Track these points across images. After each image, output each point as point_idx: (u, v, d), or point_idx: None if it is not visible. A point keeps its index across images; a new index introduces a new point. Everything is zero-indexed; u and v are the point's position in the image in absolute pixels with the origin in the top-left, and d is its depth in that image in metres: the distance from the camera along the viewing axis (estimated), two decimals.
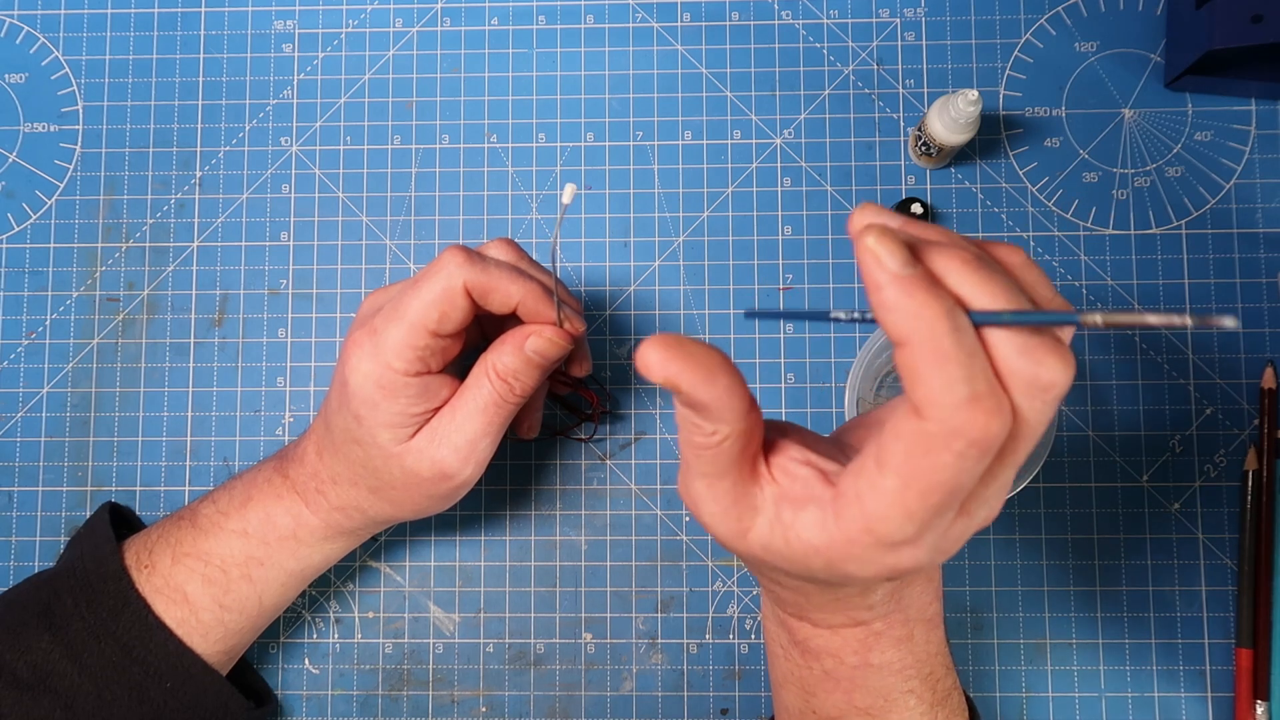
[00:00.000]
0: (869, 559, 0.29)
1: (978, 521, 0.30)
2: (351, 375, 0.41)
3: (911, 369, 0.26)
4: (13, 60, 0.58)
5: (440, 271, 0.40)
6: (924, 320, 0.26)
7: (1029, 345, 0.26)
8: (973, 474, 0.27)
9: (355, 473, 0.44)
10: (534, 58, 0.57)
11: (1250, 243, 0.54)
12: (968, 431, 0.26)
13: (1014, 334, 0.27)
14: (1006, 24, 0.56)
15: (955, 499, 0.27)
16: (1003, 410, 0.26)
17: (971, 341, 0.26)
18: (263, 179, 0.56)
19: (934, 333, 0.26)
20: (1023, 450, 0.28)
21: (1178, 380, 0.54)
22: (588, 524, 0.54)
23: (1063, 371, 0.26)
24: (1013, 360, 0.26)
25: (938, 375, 0.26)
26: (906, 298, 0.26)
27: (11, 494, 0.55)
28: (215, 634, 0.45)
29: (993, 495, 0.29)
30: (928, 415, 0.26)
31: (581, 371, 0.48)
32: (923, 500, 0.27)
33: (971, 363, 0.26)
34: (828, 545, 0.30)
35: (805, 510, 0.30)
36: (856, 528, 0.29)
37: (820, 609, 0.36)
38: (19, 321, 0.56)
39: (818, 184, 0.55)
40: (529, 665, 0.53)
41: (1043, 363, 0.26)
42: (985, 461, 0.27)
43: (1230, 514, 0.53)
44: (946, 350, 0.26)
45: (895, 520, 0.28)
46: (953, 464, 0.26)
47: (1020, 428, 0.27)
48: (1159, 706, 0.52)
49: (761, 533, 0.31)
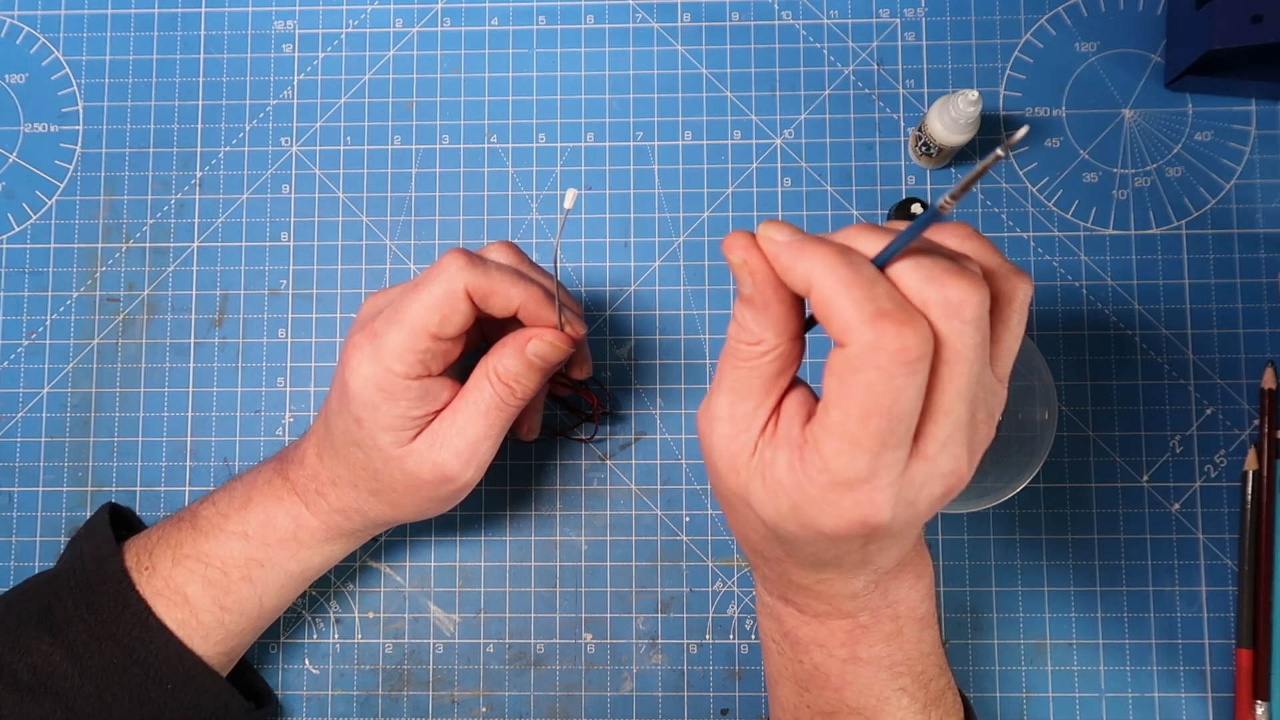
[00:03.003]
0: (830, 502, 0.30)
1: (941, 468, 0.30)
2: (352, 378, 0.41)
3: (823, 307, 0.29)
4: (13, 60, 0.58)
5: (441, 275, 0.40)
6: (817, 261, 0.29)
7: (933, 272, 0.29)
8: (906, 393, 0.28)
9: (356, 475, 0.44)
10: (534, 58, 0.57)
11: (1250, 243, 0.54)
12: (884, 343, 0.27)
13: (918, 265, 0.29)
14: (1006, 24, 0.56)
15: (897, 425, 0.28)
16: (914, 321, 0.28)
17: (869, 270, 0.29)
18: (263, 179, 0.56)
19: (829, 267, 0.29)
20: (961, 378, 0.29)
21: (1178, 380, 0.54)
22: (588, 524, 0.54)
23: (968, 289, 0.28)
24: (922, 290, 0.29)
25: (844, 301, 0.28)
26: (798, 253, 0.29)
27: (11, 494, 0.55)
28: (216, 635, 0.45)
29: (949, 436, 0.30)
30: (846, 340, 0.28)
31: (582, 374, 0.48)
32: (863, 425, 0.28)
33: (873, 286, 0.28)
34: (794, 486, 0.31)
35: (781, 449, 0.32)
36: (815, 467, 0.30)
37: (804, 592, 0.37)
38: (19, 322, 0.56)
39: (818, 184, 0.55)
40: (529, 665, 0.53)
41: (947, 284, 0.28)
42: (914, 379, 0.28)
43: (1230, 514, 0.53)
44: (845, 278, 0.28)
45: (845, 453, 0.29)
46: (880, 381, 0.28)
47: (946, 351, 0.29)
48: (1159, 707, 0.52)
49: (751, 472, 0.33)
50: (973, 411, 0.30)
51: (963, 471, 0.31)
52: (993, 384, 0.32)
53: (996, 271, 0.32)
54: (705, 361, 0.55)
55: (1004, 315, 0.32)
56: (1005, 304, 0.32)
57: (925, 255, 0.29)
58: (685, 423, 0.54)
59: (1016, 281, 0.32)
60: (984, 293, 0.28)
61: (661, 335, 0.55)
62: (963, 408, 0.30)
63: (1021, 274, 0.32)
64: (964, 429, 0.30)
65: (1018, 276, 0.32)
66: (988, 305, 0.29)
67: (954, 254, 0.30)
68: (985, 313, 0.29)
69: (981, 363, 0.30)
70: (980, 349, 0.29)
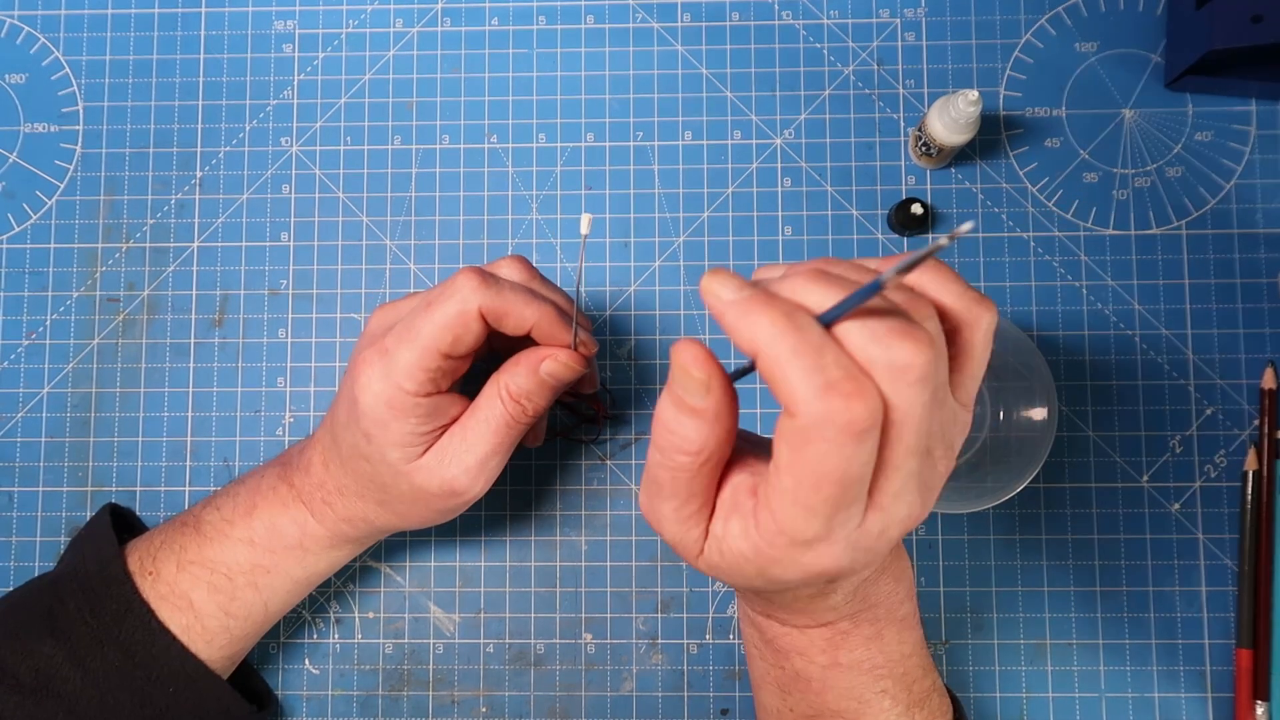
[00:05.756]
0: (789, 560, 0.30)
1: (898, 516, 0.30)
2: (362, 394, 0.41)
3: (770, 374, 0.28)
4: (13, 60, 0.58)
5: (455, 295, 0.40)
6: (763, 327, 0.28)
7: (878, 332, 0.28)
8: (856, 461, 0.27)
9: (363, 486, 0.44)
10: (534, 58, 0.57)
11: (1250, 243, 0.54)
12: (833, 417, 0.27)
13: (864, 324, 0.28)
14: (1006, 24, 0.56)
15: (849, 489, 0.28)
16: (864, 393, 0.27)
17: (817, 336, 0.28)
18: (263, 179, 0.56)
19: (775, 334, 0.27)
20: (909, 436, 0.28)
21: (1178, 380, 0.54)
22: (588, 524, 0.54)
23: (913, 352, 0.27)
24: (868, 349, 0.28)
25: (791, 371, 0.27)
26: (744, 315, 0.28)
27: (11, 494, 0.55)
28: (220, 640, 0.45)
29: (901, 488, 0.29)
30: (795, 411, 0.27)
31: (590, 388, 0.48)
32: (816, 493, 0.28)
33: (820, 354, 0.27)
34: (754, 552, 0.31)
35: (733, 521, 0.31)
36: (771, 531, 0.30)
37: (784, 609, 0.37)
38: (19, 322, 0.56)
39: (818, 184, 0.55)
40: (529, 665, 0.53)
41: (892, 346, 0.27)
42: (864, 446, 0.27)
43: (1230, 514, 0.53)
44: (792, 346, 0.27)
45: (800, 518, 0.29)
46: (831, 452, 0.27)
47: (894, 414, 0.28)
48: (1159, 707, 0.52)
49: (709, 549, 0.32)
50: (927, 454, 0.30)
51: (918, 512, 0.31)
52: (954, 413, 0.31)
53: (958, 301, 0.31)
54: None
55: (967, 344, 0.31)
56: (969, 333, 0.31)
57: (872, 314, 0.28)
58: None
59: (979, 311, 0.31)
60: (931, 351, 0.28)
61: (661, 335, 0.55)
62: (914, 462, 0.29)
63: (984, 302, 0.31)
64: (916, 478, 0.30)
65: (980, 305, 0.31)
66: (938, 362, 0.28)
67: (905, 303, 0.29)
68: (935, 369, 0.28)
69: (933, 413, 0.29)
70: (930, 405, 0.28)
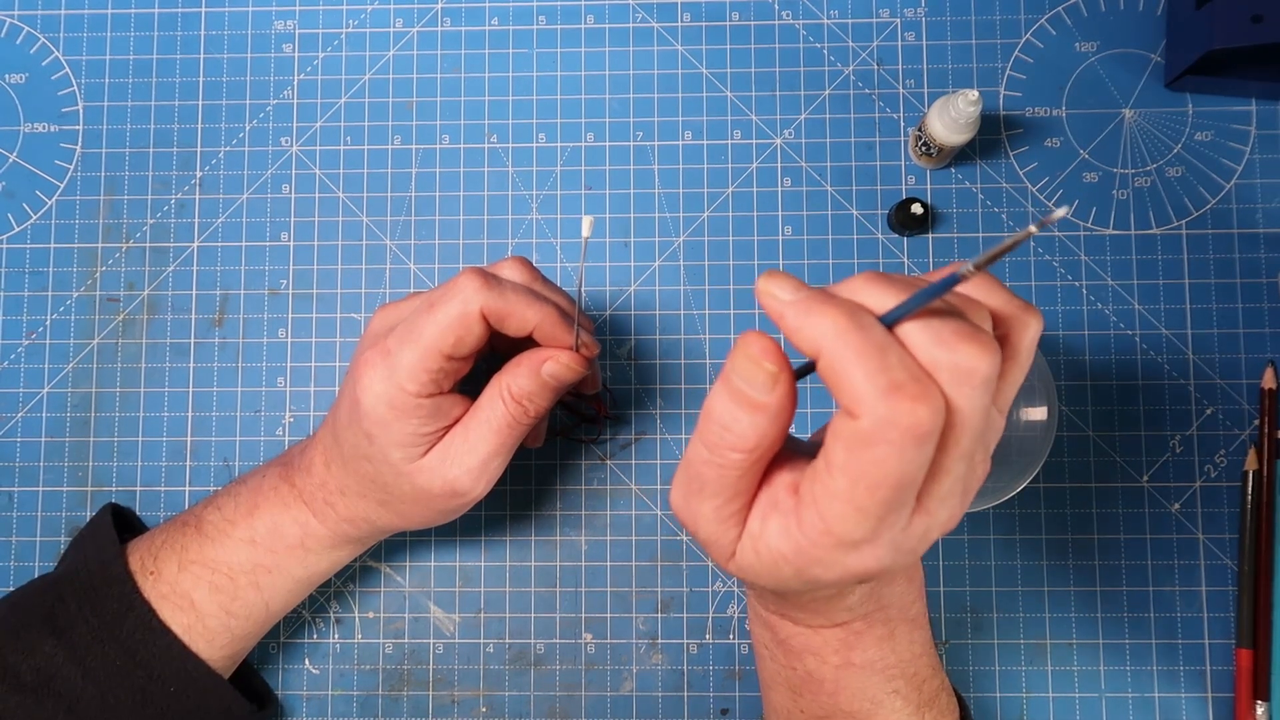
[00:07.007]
0: (832, 561, 0.30)
1: (940, 520, 0.30)
2: (364, 395, 0.41)
3: (832, 376, 0.27)
4: (13, 60, 0.58)
5: (457, 296, 0.40)
6: (826, 326, 0.27)
7: (942, 334, 0.27)
8: (915, 464, 0.27)
9: (365, 487, 0.44)
10: (534, 58, 0.57)
11: (1250, 243, 0.54)
12: (897, 420, 0.26)
13: (927, 326, 0.27)
14: (1006, 24, 0.56)
15: (904, 493, 0.28)
16: (929, 395, 0.26)
17: (880, 335, 0.27)
18: (263, 179, 0.56)
19: (838, 333, 0.27)
20: (965, 440, 0.28)
21: (1178, 380, 0.54)
22: (588, 524, 0.54)
23: (979, 355, 0.27)
24: (931, 351, 0.27)
25: (855, 372, 0.27)
26: (806, 314, 0.28)
27: (12, 494, 0.55)
28: (221, 640, 0.45)
29: (948, 491, 0.29)
30: (857, 413, 0.27)
31: (591, 388, 0.48)
32: (871, 495, 0.28)
33: (884, 355, 0.27)
34: (794, 552, 0.30)
35: (771, 519, 0.31)
36: (817, 531, 0.29)
37: (800, 609, 0.37)
38: (19, 322, 0.56)
39: (818, 184, 0.55)
40: (529, 665, 0.53)
41: (957, 349, 0.27)
42: (924, 450, 0.27)
43: (1230, 514, 0.53)
44: (856, 346, 0.27)
45: (850, 519, 0.28)
46: (892, 455, 0.27)
47: (955, 417, 0.27)
48: (1159, 707, 0.52)
49: (743, 549, 0.32)
50: (972, 459, 0.30)
51: (958, 517, 0.31)
52: (994, 420, 0.31)
53: (1007, 307, 0.31)
54: (705, 361, 0.55)
55: (1013, 352, 0.31)
56: (1016, 339, 0.31)
57: (934, 315, 0.28)
58: (685, 423, 0.54)
59: (1027, 317, 0.31)
60: (995, 356, 0.27)
61: (661, 335, 0.55)
62: (964, 465, 0.29)
63: (1031, 310, 0.31)
64: (962, 481, 0.30)
65: (1027, 313, 0.31)
66: (998, 367, 0.28)
67: (962, 305, 0.29)
68: (995, 374, 0.28)
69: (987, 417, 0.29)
70: (986, 408, 0.28)
